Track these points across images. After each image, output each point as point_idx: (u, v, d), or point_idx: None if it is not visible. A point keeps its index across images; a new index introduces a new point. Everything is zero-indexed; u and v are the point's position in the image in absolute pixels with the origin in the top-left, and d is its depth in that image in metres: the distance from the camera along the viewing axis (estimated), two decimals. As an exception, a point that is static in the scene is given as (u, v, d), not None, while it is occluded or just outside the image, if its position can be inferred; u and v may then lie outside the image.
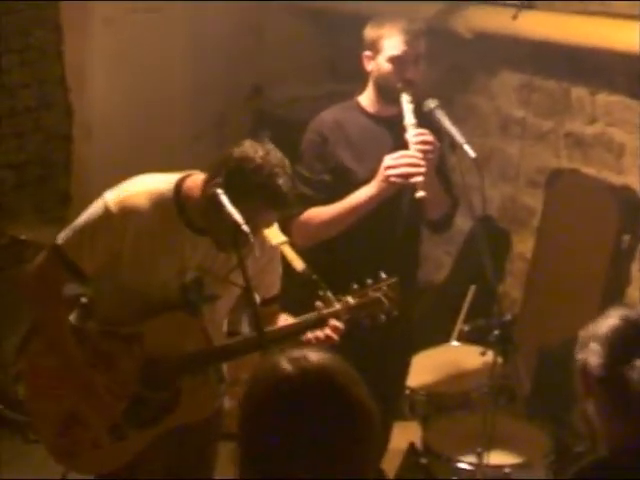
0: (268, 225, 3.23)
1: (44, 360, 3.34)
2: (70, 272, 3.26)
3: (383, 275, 3.38)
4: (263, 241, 3.29)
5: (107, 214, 3.18)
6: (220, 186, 3.10)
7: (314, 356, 2.01)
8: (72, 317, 3.38)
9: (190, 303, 3.28)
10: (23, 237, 5.07)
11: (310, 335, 3.30)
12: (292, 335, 3.31)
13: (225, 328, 3.51)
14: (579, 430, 4.37)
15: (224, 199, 3.06)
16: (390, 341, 3.99)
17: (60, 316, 3.33)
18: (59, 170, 5.92)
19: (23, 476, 4.79)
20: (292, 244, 3.48)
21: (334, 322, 3.28)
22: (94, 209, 3.23)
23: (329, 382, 1.98)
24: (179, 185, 3.22)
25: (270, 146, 3.17)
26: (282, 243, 3.37)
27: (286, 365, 1.99)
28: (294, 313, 3.42)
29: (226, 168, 3.12)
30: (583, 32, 4.72)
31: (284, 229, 3.48)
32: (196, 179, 3.23)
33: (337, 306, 3.30)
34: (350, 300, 3.32)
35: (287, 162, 3.18)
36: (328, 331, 3.27)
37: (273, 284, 3.44)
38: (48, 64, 5.82)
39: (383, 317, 3.37)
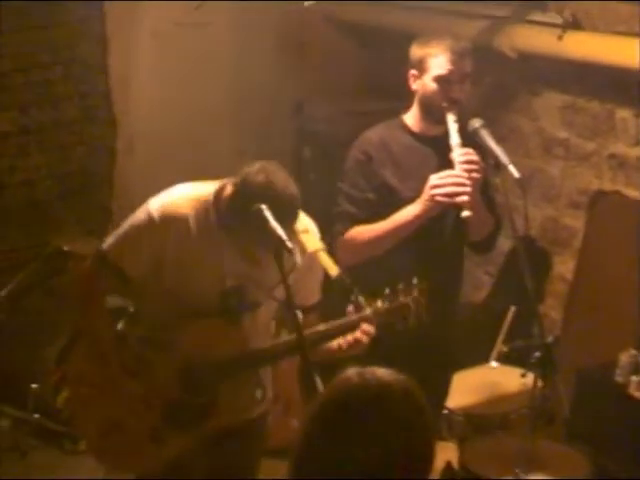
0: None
1: (86, 366, 3.42)
2: (114, 277, 3.35)
3: (415, 280, 3.39)
4: (302, 249, 3.32)
5: (150, 220, 3.28)
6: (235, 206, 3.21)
7: (380, 371, 2.12)
8: (119, 325, 3.43)
9: (230, 310, 3.33)
10: (66, 248, 5.10)
11: (341, 340, 3.32)
12: (323, 340, 3.32)
13: (273, 330, 3.53)
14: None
15: (268, 215, 3.10)
16: (430, 360, 3.98)
17: (102, 322, 3.40)
18: (101, 182, 5.96)
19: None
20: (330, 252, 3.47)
21: (365, 326, 3.30)
22: (138, 215, 3.33)
23: (386, 393, 2.07)
24: (219, 192, 3.30)
25: (274, 173, 3.19)
26: (319, 250, 3.37)
27: (352, 375, 2.11)
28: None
29: (230, 196, 3.22)
30: (628, 53, 4.70)
31: (329, 247, 3.49)
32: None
33: (367, 310, 3.31)
34: (380, 304, 3.34)
35: (293, 192, 3.20)
36: (358, 334, 3.29)
37: (311, 293, 3.47)
38: (93, 77, 5.86)
39: (413, 321, 3.38)
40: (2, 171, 5.64)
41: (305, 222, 3.38)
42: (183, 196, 3.32)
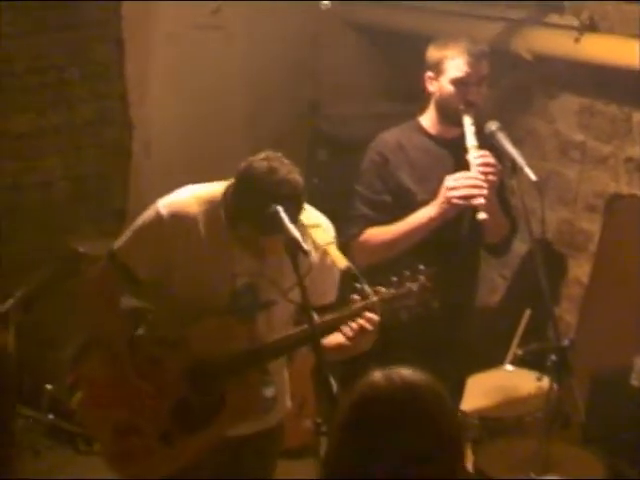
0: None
1: (98, 369, 3.41)
2: (124, 276, 3.34)
3: (421, 267, 3.35)
4: (312, 244, 3.31)
5: (158, 219, 3.27)
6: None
7: (405, 372, 2.13)
8: (140, 331, 3.43)
9: (242, 309, 3.32)
10: (81, 250, 5.11)
11: (344, 328, 3.27)
12: (329, 329, 3.28)
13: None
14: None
15: (284, 217, 3.09)
16: (445, 362, 3.98)
17: (115, 322, 3.39)
18: (117, 184, 5.98)
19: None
20: (340, 247, 3.47)
21: (368, 313, 3.27)
22: (146, 215, 3.33)
23: (414, 394, 2.08)
24: (227, 190, 3.30)
25: (278, 160, 3.22)
26: (328, 243, 3.38)
27: (378, 379, 2.11)
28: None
29: (234, 184, 3.23)
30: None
31: (344, 248, 3.48)
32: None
33: (373, 298, 3.29)
34: (385, 291, 3.31)
35: (296, 178, 3.19)
36: (362, 321, 3.25)
37: (326, 292, 3.44)
38: (109, 79, 5.88)
39: (420, 310, 3.34)
40: (18, 172, 5.66)
41: (317, 218, 3.39)
42: (191, 196, 3.32)
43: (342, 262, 3.34)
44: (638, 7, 4.82)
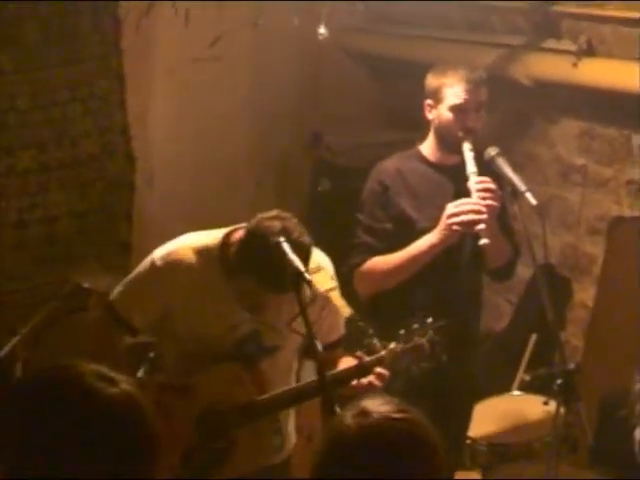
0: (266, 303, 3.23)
1: None
2: (122, 328, 3.34)
3: (429, 320, 3.36)
4: (316, 293, 3.29)
5: (154, 269, 3.27)
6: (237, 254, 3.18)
7: (375, 411, 2.04)
8: (140, 372, 3.42)
9: (246, 355, 3.31)
10: (86, 285, 5.10)
11: (354, 383, 3.28)
12: (339, 384, 3.27)
13: (295, 367, 3.52)
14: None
15: (286, 247, 3.09)
16: (452, 390, 3.97)
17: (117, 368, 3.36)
18: (121, 218, 5.98)
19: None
20: (343, 291, 3.46)
21: (378, 369, 3.27)
22: (143, 266, 3.33)
23: (383, 441, 2.00)
24: (226, 239, 3.28)
25: (290, 221, 3.16)
26: (330, 290, 3.37)
27: (348, 421, 2.04)
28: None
29: (243, 239, 3.19)
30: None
31: (347, 278, 3.49)
32: (242, 232, 3.27)
33: (382, 353, 3.29)
34: (394, 346, 3.31)
35: (307, 241, 3.17)
36: (371, 378, 3.26)
37: (332, 329, 3.44)
38: (111, 113, 5.90)
39: (429, 363, 3.34)
40: (22, 208, 5.66)
41: (318, 259, 3.36)
42: (187, 246, 3.29)
43: (345, 310, 3.33)
44: (635, 30, 4.84)
